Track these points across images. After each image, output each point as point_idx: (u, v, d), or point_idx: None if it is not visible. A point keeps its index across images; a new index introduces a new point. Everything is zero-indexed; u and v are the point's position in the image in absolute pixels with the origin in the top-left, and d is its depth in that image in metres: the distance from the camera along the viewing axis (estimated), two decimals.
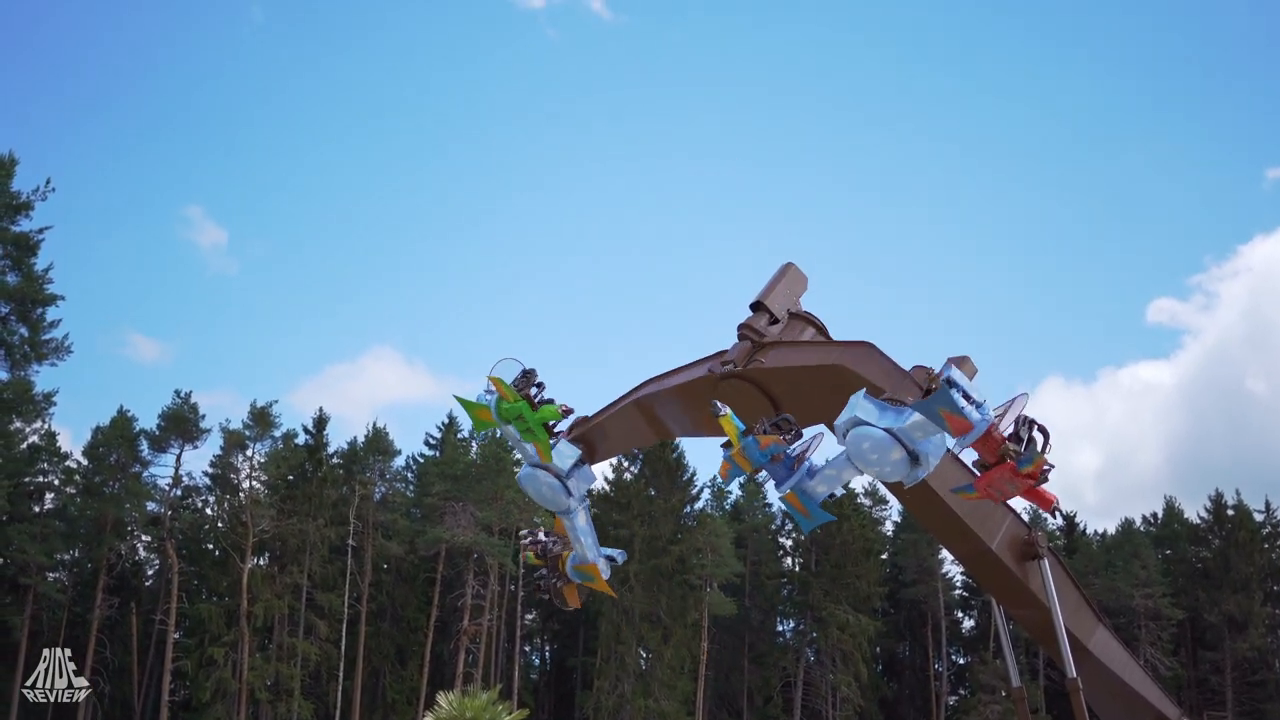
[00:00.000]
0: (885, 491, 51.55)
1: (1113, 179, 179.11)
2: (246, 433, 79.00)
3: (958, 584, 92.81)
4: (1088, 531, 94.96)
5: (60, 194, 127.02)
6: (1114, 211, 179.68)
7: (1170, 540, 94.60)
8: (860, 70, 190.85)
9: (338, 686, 77.45)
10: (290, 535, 76.46)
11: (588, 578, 14.44)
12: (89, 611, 74.55)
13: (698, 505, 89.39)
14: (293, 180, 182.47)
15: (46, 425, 73.74)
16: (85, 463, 77.62)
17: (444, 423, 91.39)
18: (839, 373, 12.72)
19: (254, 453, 79.58)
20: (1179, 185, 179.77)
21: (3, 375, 64.77)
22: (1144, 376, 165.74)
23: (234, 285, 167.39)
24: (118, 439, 77.26)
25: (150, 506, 78.93)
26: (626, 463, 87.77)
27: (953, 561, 78.46)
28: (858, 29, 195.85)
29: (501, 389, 12.63)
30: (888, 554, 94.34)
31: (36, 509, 75.89)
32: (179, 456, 79.42)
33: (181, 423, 78.67)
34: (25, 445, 72.06)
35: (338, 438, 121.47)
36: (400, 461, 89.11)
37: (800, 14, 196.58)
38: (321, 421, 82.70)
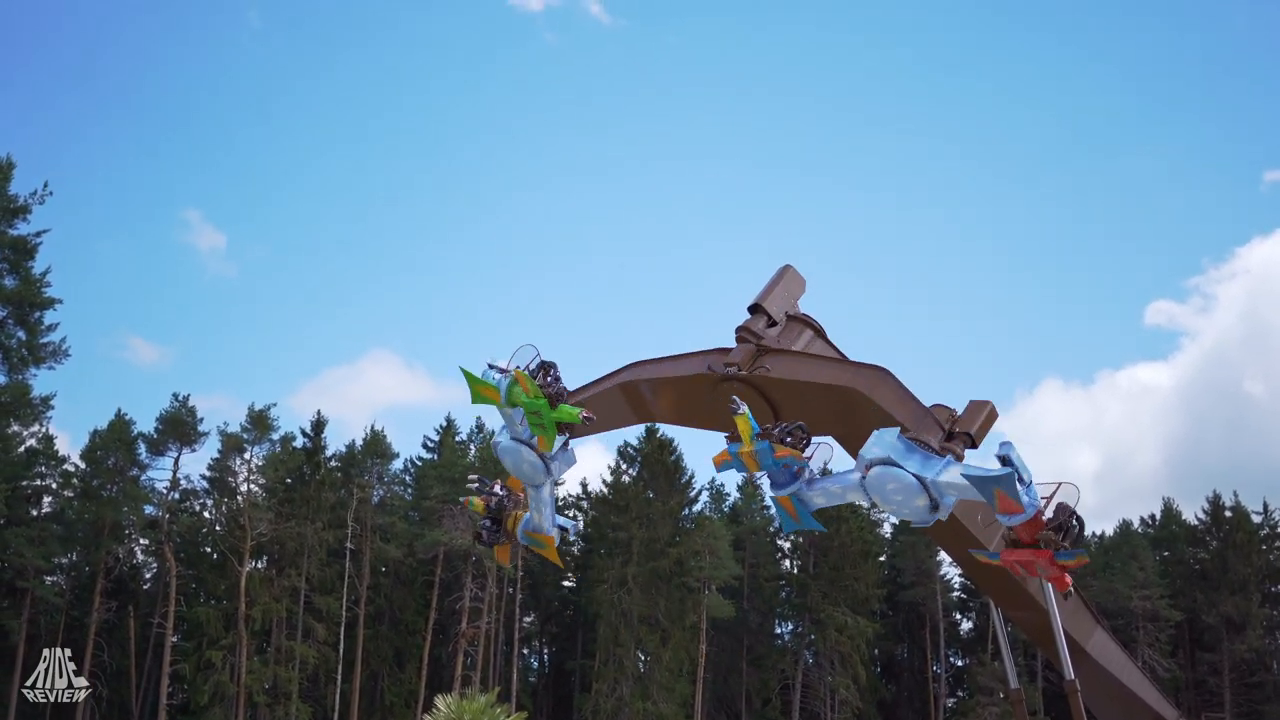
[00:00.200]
0: None
1: (1111, 181, 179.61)
2: (244, 436, 78.97)
3: (956, 586, 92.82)
4: (1085, 533, 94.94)
5: (59, 197, 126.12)
6: (1112, 214, 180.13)
7: (1168, 542, 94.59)
8: (857, 72, 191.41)
9: (336, 689, 77.36)
10: (288, 538, 76.37)
11: (539, 545, 14.47)
12: (87, 615, 74.49)
13: (696, 508, 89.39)
14: (291, 184, 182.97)
15: (44, 429, 73.90)
16: (83, 466, 77.58)
17: (442, 425, 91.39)
18: (850, 395, 12.68)
19: (252, 456, 79.64)
20: (1177, 188, 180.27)
21: (0, 379, 64.79)
22: (1142, 378, 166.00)
23: (233, 289, 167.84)
24: (115, 442, 77.18)
25: (148, 510, 78.91)
26: (625, 465, 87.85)
27: (951, 563, 78.47)
28: (855, 31, 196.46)
29: (525, 384, 12.65)
30: (886, 556, 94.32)
31: (34, 512, 75.87)
32: (177, 460, 79.63)
33: (179, 426, 78.63)
34: (23, 449, 72.11)
35: (336, 441, 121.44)
36: (398, 464, 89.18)
37: (797, 16, 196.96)
38: (319, 424, 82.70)
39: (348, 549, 79.19)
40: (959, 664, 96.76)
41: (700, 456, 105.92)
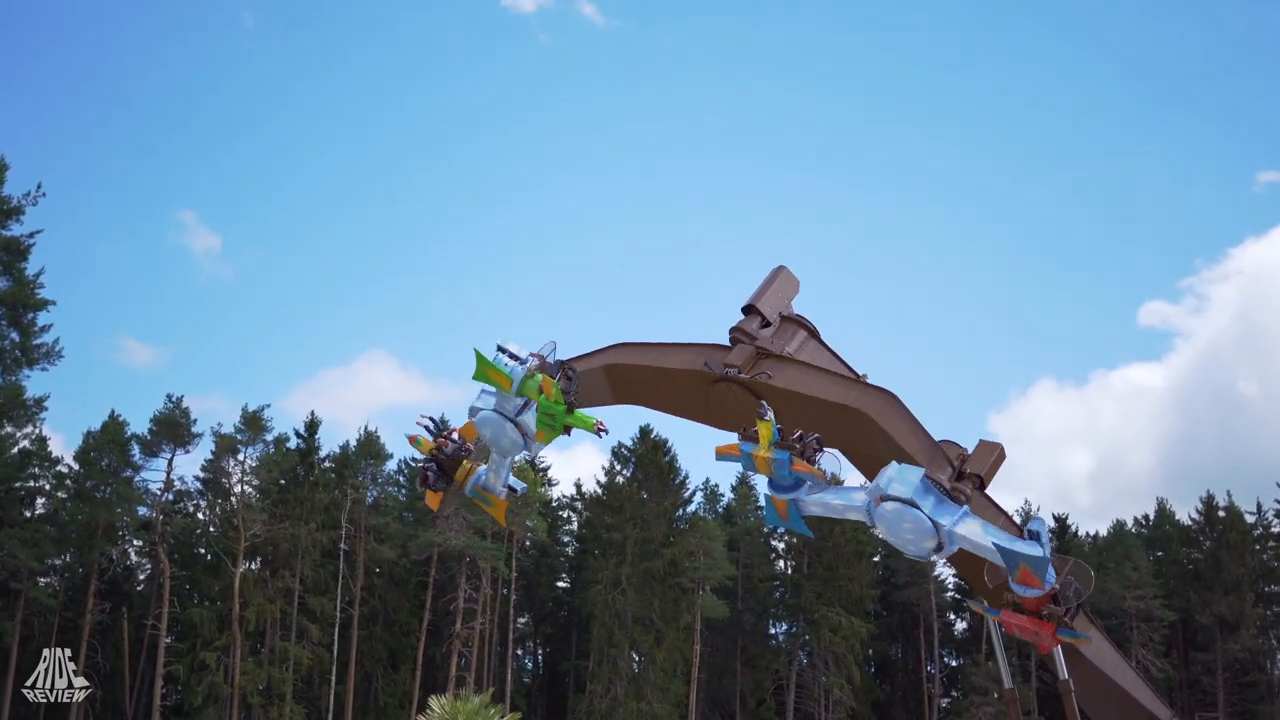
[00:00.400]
0: None
1: (1104, 182, 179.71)
2: (238, 437, 78.86)
3: (950, 586, 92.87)
4: (1079, 533, 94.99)
5: (53, 199, 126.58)
6: (1105, 214, 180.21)
7: (1162, 542, 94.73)
8: (854, 72, 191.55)
9: (330, 691, 77.25)
10: (282, 539, 76.27)
11: (487, 503, 14.51)
12: (80, 616, 74.36)
13: (690, 508, 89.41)
14: (286, 185, 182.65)
15: (37, 430, 73.71)
16: (76, 467, 77.38)
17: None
18: (856, 416, 12.63)
19: (246, 457, 79.56)
20: (1170, 188, 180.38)
21: None
22: (1135, 379, 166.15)
23: (227, 290, 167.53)
24: (109, 443, 77.03)
25: (142, 511, 78.83)
26: (619, 465, 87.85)
27: (945, 563, 78.49)
28: (853, 31, 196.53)
29: (549, 389, 12.62)
30: (880, 556, 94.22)
31: (27, 514, 75.65)
32: (170, 461, 79.50)
33: (173, 427, 78.52)
34: (16, 450, 71.84)
35: (331, 442, 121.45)
36: (392, 465, 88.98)
37: (793, 17, 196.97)
38: (313, 425, 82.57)
39: (341, 550, 79.12)
40: (953, 664, 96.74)
41: (695, 458, 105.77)
